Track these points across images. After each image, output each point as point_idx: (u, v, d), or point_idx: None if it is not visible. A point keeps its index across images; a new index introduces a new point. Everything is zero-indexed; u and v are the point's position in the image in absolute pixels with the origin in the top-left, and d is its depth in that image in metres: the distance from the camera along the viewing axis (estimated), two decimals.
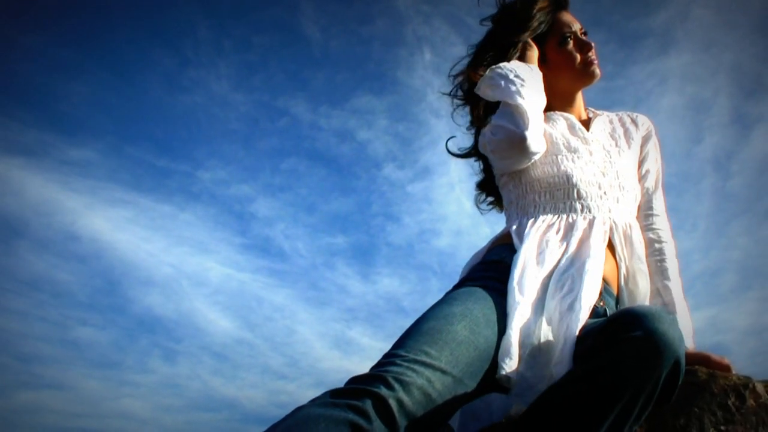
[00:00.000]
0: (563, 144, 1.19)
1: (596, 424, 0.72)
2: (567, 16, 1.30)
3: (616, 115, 1.35)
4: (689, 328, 1.09)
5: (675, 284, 1.13)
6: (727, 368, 0.97)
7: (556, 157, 1.17)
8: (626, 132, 1.30)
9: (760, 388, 0.87)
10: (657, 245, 1.17)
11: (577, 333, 0.89)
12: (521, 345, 0.91)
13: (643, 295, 1.10)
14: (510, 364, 0.89)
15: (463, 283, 1.07)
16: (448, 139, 1.39)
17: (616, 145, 1.25)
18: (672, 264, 1.16)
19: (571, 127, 1.24)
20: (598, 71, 1.26)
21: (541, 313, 0.96)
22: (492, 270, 1.07)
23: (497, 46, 1.27)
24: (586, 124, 1.28)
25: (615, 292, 1.11)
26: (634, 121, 1.33)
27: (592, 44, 1.26)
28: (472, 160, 1.39)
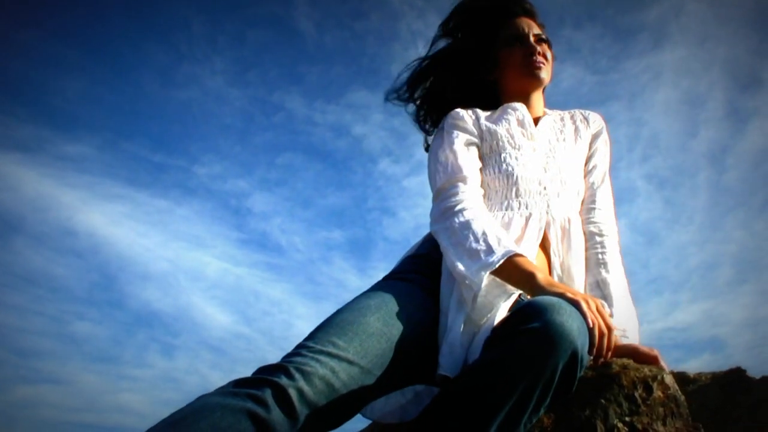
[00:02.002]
0: (508, 141, 1.22)
1: (492, 413, 0.75)
2: (522, 21, 1.33)
3: (570, 113, 1.38)
4: (633, 320, 1.10)
5: (615, 277, 1.14)
6: (655, 359, 0.99)
7: (500, 156, 1.21)
8: (576, 129, 1.33)
9: (669, 380, 0.89)
10: (597, 238, 1.19)
11: (495, 325, 0.92)
12: (452, 344, 0.95)
13: (579, 287, 1.12)
14: (444, 363, 0.92)
15: (389, 276, 1.10)
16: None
17: (564, 141, 1.28)
18: (612, 257, 1.17)
19: (521, 122, 1.27)
20: (540, 74, 1.29)
21: (467, 309, 0.98)
22: (418, 264, 1.12)
23: (459, 59, 1.33)
24: (537, 121, 1.31)
25: None
26: (585, 119, 1.35)
27: (537, 48, 1.29)
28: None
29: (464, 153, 1.20)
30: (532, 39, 1.30)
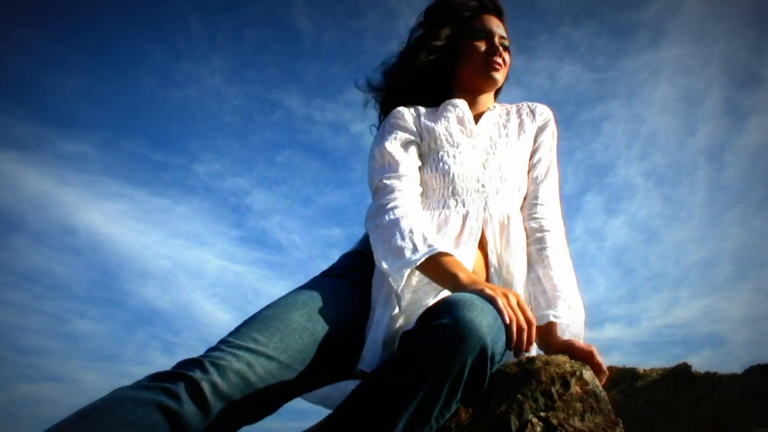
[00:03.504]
0: (446, 139, 1.21)
1: (401, 408, 0.74)
2: (492, 20, 1.31)
3: (517, 106, 1.36)
4: (577, 315, 1.09)
5: (557, 272, 1.13)
6: (590, 354, 1.00)
7: (438, 154, 1.20)
8: (520, 123, 1.31)
9: (588, 375, 0.89)
10: (538, 234, 1.18)
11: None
12: (375, 339, 0.94)
13: (519, 283, 1.12)
14: (367, 358, 0.91)
15: (323, 272, 1.10)
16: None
17: (506, 136, 1.26)
18: (554, 252, 1.16)
19: (460, 120, 1.25)
20: (495, 75, 1.28)
21: (397, 306, 0.98)
22: (354, 261, 1.12)
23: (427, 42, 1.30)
24: (481, 116, 1.29)
25: None
26: (532, 112, 1.34)
27: (499, 50, 1.28)
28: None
29: (401, 152, 1.18)
30: (497, 39, 1.29)
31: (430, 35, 1.29)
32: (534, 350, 1.14)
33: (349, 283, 1.06)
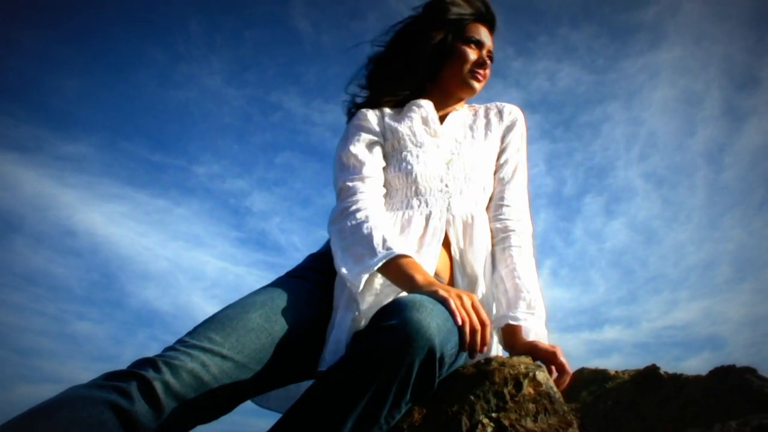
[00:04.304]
0: (410, 140, 1.21)
1: (348, 408, 0.74)
2: (484, 31, 1.31)
3: (486, 106, 1.36)
4: (539, 316, 1.09)
5: (520, 273, 1.13)
6: (553, 355, 1.01)
7: (401, 155, 1.19)
8: (487, 123, 1.31)
9: (541, 377, 0.90)
10: (503, 235, 1.19)
11: None
12: (337, 341, 0.94)
13: (483, 283, 1.12)
14: (328, 359, 0.91)
15: (287, 273, 1.09)
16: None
17: (472, 136, 1.26)
18: (518, 252, 1.16)
19: (425, 120, 1.25)
20: (476, 86, 1.29)
21: (357, 310, 0.98)
22: (318, 262, 1.11)
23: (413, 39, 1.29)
24: (446, 117, 1.29)
25: (446, 283, 1.13)
26: (499, 112, 1.34)
27: (487, 63, 1.29)
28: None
29: (365, 153, 1.18)
30: (485, 51, 1.29)
31: (426, 30, 1.28)
32: (498, 351, 1.15)
33: (312, 284, 1.05)
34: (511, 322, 1.07)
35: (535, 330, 1.07)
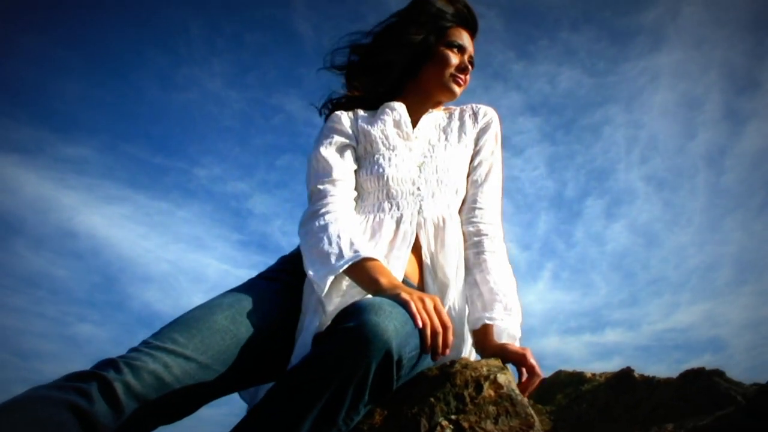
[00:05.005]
0: (382, 143, 1.22)
1: (305, 410, 0.74)
2: (467, 36, 1.32)
3: (461, 108, 1.37)
4: (514, 318, 1.09)
5: (495, 276, 1.13)
6: (522, 357, 1.02)
7: (374, 157, 1.20)
8: (461, 126, 1.31)
9: (503, 379, 0.91)
10: (475, 238, 1.19)
11: None
12: (305, 344, 0.94)
13: (455, 287, 1.12)
14: (295, 362, 0.91)
15: (257, 275, 1.10)
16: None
17: (445, 139, 1.27)
18: (492, 256, 1.16)
19: (397, 123, 1.26)
20: (456, 91, 1.30)
21: (323, 312, 0.98)
22: (289, 264, 1.12)
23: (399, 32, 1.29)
24: (420, 119, 1.30)
25: (417, 286, 1.14)
26: (474, 114, 1.34)
27: (468, 69, 1.30)
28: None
29: (336, 156, 1.19)
30: (467, 57, 1.30)
31: (407, 28, 1.28)
32: (471, 354, 1.16)
33: (283, 285, 1.06)
34: (488, 322, 1.07)
35: (509, 331, 1.08)
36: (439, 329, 0.86)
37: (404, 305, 0.83)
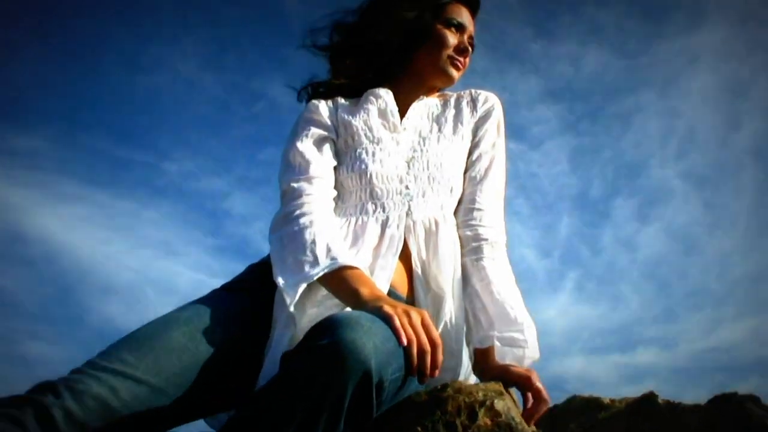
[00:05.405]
0: (365, 135, 1.10)
1: None
2: (468, 14, 1.21)
3: (458, 94, 1.24)
4: (520, 333, 0.98)
5: (501, 286, 1.02)
6: (527, 380, 0.91)
7: (356, 152, 1.09)
8: (458, 114, 1.18)
9: (501, 406, 0.79)
10: (474, 244, 1.07)
11: None
12: (274, 361, 0.84)
13: (451, 299, 1.00)
14: (263, 382, 0.81)
15: (222, 286, 1.00)
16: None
17: (439, 130, 1.14)
18: (491, 263, 1.05)
19: (382, 113, 1.14)
20: (454, 75, 1.18)
21: (294, 325, 0.88)
22: (259, 273, 1.01)
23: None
24: (407, 108, 1.17)
25: (404, 297, 1.02)
26: (473, 101, 1.20)
27: (468, 51, 1.19)
28: None
29: (313, 151, 1.08)
30: (467, 37, 1.19)
31: (401, 5, 1.17)
32: (466, 376, 1.04)
33: (250, 298, 0.95)
34: (497, 343, 0.96)
35: (527, 352, 0.97)
36: (427, 347, 0.74)
37: (387, 320, 0.72)
